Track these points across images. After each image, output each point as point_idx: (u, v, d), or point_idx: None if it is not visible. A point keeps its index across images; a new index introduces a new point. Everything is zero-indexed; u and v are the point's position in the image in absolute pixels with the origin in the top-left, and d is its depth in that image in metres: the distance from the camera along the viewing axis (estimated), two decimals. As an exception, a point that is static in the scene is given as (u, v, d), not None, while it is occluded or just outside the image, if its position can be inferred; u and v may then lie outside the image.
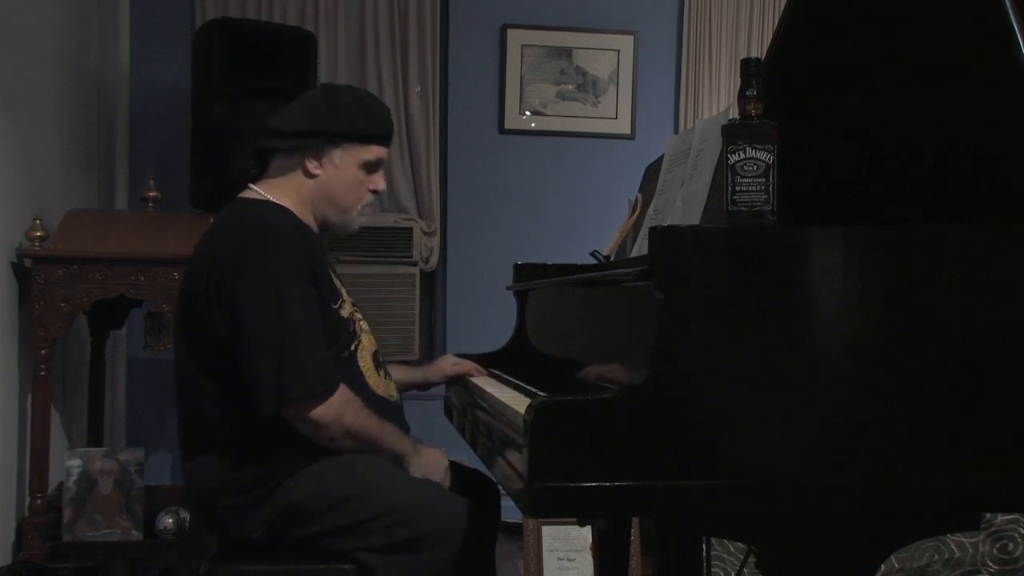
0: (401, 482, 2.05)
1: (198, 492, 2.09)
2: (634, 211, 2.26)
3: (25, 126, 3.10)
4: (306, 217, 2.18)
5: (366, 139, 2.17)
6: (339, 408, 1.98)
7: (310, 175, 2.16)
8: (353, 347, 2.13)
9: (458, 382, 2.48)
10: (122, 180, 4.23)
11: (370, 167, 2.19)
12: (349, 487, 2.01)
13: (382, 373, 2.20)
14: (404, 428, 2.24)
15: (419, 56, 4.51)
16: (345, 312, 2.14)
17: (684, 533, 2.15)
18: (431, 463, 2.11)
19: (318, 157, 2.15)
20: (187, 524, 3.16)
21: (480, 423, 2.01)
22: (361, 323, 2.21)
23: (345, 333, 2.12)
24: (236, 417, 2.02)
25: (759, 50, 4.63)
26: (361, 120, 2.17)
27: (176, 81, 4.07)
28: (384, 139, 2.22)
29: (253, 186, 2.19)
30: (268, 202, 2.15)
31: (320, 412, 1.96)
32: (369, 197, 2.22)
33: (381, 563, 1.98)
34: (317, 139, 2.14)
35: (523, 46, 4.66)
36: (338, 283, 2.19)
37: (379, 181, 2.22)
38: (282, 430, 2.01)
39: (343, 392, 2.00)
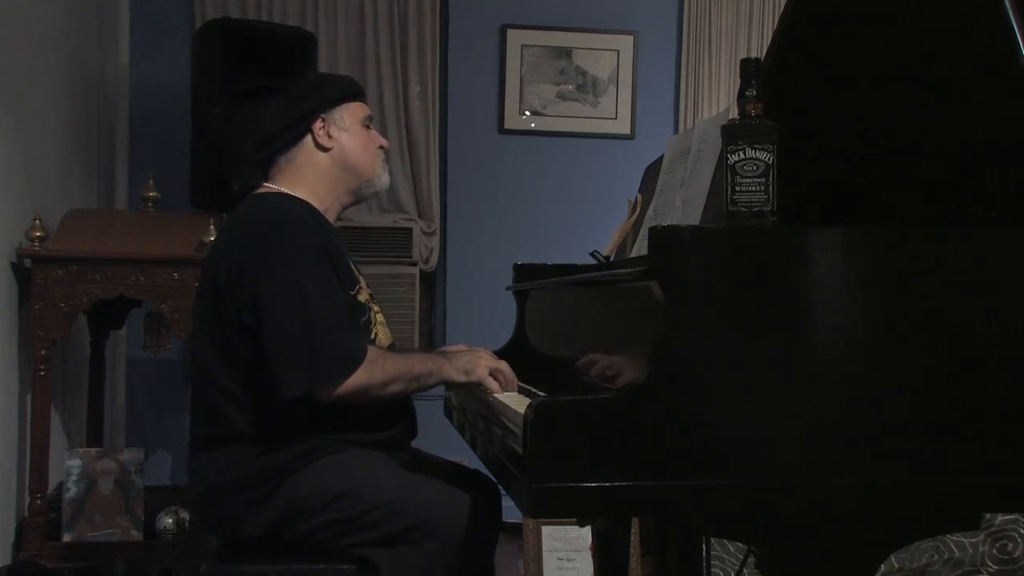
0: (399, 477, 2.06)
1: (203, 488, 2.09)
2: (634, 211, 2.26)
3: (25, 126, 3.10)
4: (326, 203, 2.23)
5: (352, 96, 2.27)
6: (369, 369, 1.98)
7: (324, 148, 2.21)
8: (372, 337, 2.15)
9: None
10: (122, 180, 4.23)
11: (367, 123, 2.28)
12: (347, 482, 2.02)
13: None
14: (413, 429, 2.25)
15: (419, 56, 4.51)
16: (362, 297, 2.17)
17: (684, 533, 2.15)
18: (467, 362, 2.11)
19: (325, 126, 2.21)
20: (187, 524, 3.16)
21: (480, 423, 2.01)
22: (377, 314, 2.23)
23: (363, 319, 2.14)
24: (249, 414, 2.04)
25: (759, 50, 4.62)
26: (339, 83, 2.31)
27: (176, 81, 4.07)
28: (363, 95, 2.31)
29: (267, 184, 2.23)
30: (284, 193, 2.20)
31: (354, 381, 1.96)
32: (381, 153, 2.31)
33: (383, 556, 1.99)
34: (317, 109, 2.21)
35: (523, 46, 4.66)
36: (356, 271, 2.22)
37: (380, 137, 2.31)
38: (291, 426, 2.02)
39: (370, 352, 2.00)
